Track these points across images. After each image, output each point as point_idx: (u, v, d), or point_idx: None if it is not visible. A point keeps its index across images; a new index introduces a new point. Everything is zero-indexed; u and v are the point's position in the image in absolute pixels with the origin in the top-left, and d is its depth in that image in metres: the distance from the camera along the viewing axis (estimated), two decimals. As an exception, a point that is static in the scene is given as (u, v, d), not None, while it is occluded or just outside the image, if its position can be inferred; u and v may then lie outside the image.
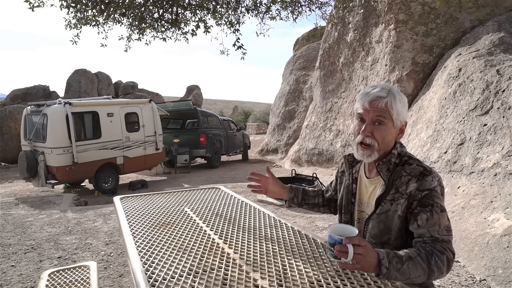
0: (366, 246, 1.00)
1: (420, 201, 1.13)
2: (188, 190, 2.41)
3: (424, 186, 1.13)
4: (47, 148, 7.12)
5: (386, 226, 1.19)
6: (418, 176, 1.15)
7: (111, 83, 21.70)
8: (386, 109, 1.18)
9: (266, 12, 5.68)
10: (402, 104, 1.20)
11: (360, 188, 1.35)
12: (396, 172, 1.20)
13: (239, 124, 15.66)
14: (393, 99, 1.18)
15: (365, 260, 0.98)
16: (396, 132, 1.23)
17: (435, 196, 1.12)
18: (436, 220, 1.10)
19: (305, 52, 14.23)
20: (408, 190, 1.15)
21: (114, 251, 3.79)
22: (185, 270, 1.19)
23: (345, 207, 1.39)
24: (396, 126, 1.21)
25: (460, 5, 6.71)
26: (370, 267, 1.01)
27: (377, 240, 1.21)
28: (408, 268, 1.02)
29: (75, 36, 5.37)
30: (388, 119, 1.19)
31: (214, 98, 58.69)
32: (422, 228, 1.11)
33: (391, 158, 1.23)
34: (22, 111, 8.53)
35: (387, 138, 1.21)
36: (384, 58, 7.49)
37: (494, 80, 4.51)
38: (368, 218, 1.25)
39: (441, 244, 1.08)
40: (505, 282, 2.59)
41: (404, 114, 1.21)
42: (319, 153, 9.90)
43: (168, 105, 11.88)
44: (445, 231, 1.10)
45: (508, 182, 3.44)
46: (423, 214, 1.11)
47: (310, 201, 1.61)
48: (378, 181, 1.26)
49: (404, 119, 1.22)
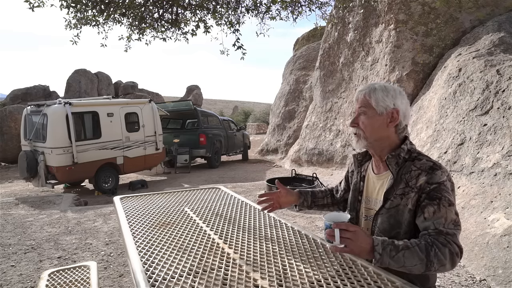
0: (356, 231, 1.07)
1: (428, 194, 1.14)
2: (188, 190, 2.41)
3: (433, 180, 1.14)
4: (47, 148, 7.12)
5: (396, 221, 1.20)
6: (428, 170, 1.16)
7: (111, 83, 21.70)
8: (365, 99, 1.27)
9: (266, 12, 5.68)
10: (384, 93, 1.25)
11: (367, 186, 1.37)
12: (405, 167, 1.22)
13: (239, 124, 15.66)
14: (373, 90, 1.27)
15: (354, 244, 1.06)
16: (384, 119, 1.25)
17: (443, 190, 1.13)
18: (443, 213, 1.11)
19: (305, 52, 14.23)
20: (418, 184, 1.16)
21: (114, 251, 3.79)
22: (185, 270, 1.19)
23: (351, 205, 1.42)
24: (381, 113, 1.25)
25: (460, 5, 6.71)
26: (361, 252, 1.08)
27: (386, 234, 1.21)
28: (403, 256, 1.05)
29: (75, 36, 5.36)
30: (368, 107, 1.27)
31: (214, 98, 58.71)
32: (428, 221, 1.12)
33: (401, 153, 1.24)
34: (22, 111, 8.53)
35: (372, 125, 1.26)
36: (384, 58, 7.49)
37: (494, 80, 4.51)
38: (376, 213, 1.26)
39: (445, 237, 1.08)
40: (505, 282, 2.59)
41: (389, 101, 1.25)
42: (319, 153, 9.90)
43: (168, 105, 11.88)
44: (452, 224, 1.11)
45: (508, 182, 3.44)
46: (430, 207, 1.12)
47: (319, 202, 1.65)
48: (386, 176, 1.28)
49: (390, 106, 1.25)
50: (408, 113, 1.29)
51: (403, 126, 1.28)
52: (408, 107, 1.29)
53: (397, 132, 1.28)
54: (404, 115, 1.27)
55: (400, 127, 1.27)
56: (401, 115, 1.26)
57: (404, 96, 1.29)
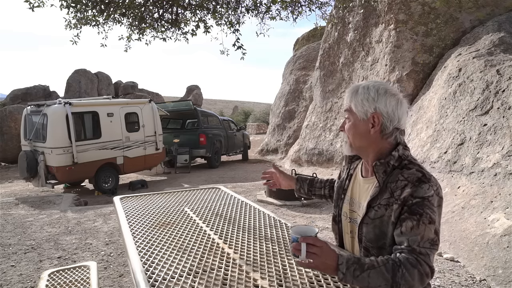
0: (322, 247, 1.02)
1: (410, 207, 1.07)
2: (188, 190, 2.41)
3: (418, 194, 1.07)
4: (47, 148, 7.12)
5: (381, 232, 1.16)
6: (415, 182, 1.09)
7: (111, 83, 21.71)
8: (348, 105, 1.23)
9: (266, 12, 5.68)
10: (366, 96, 1.17)
11: (353, 186, 1.33)
12: (393, 175, 1.15)
13: (239, 124, 15.66)
14: (354, 93, 1.21)
15: (319, 260, 1.01)
16: (367, 125, 1.18)
17: (426, 206, 1.06)
18: (421, 231, 1.05)
19: (305, 52, 14.23)
20: (402, 196, 1.09)
21: (114, 251, 3.79)
22: (185, 270, 1.19)
23: (335, 201, 1.39)
24: (363, 119, 1.18)
25: (460, 5, 6.71)
26: (326, 268, 1.03)
27: (374, 244, 1.18)
28: (368, 277, 1.01)
29: (75, 36, 5.36)
30: (350, 112, 1.22)
31: (214, 98, 58.71)
32: (404, 236, 1.07)
33: (390, 160, 1.16)
34: (22, 111, 8.53)
35: (355, 130, 1.21)
36: (384, 58, 7.49)
37: (494, 80, 4.51)
38: (361, 222, 1.21)
39: (417, 256, 1.03)
40: (505, 282, 2.59)
41: (368, 105, 1.16)
42: (319, 153, 9.90)
43: (168, 105, 11.88)
44: (428, 243, 1.05)
45: (508, 182, 3.44)
46: (409, 221, 1.06)
47: (316, 192, 1.64)
48: (372, 181, 1.22)
49: (369, 111, 1.16)
50: (397, 115, 1.16)
51: (390, 130, 1.17)
52: (397, 108, 1.16)
53: (384, 138, 1.17)
54: (390, 118, 1.16)
55: (386, 132, 1.17)
56: (386, 119, 1.16)
57: (390, 96, 1.16)
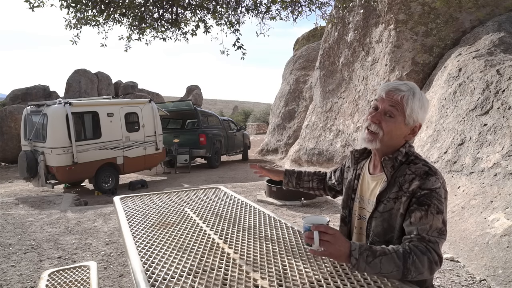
0: (335, 234, 1.05)
1: (418, 199, 1.12)
2: (188, 190, 2.41)
3: (426, 185, 1.12)
4: (47, 148, 7.12)
5: (389, 225, 1.19)
6: (422, 175, 1.14)
7: (111, 83, 21.70)
8: (401, 103, 1.17)
9: (266, 12, 5.68)
10: (420, 105, 1.18)
11: (362, 185, 1.35)
12: (400, 170, 1.20)
13: (239, 124, 15.66)
14: (412, 95, 1.17)
15: (333, 247, 1.04)
16: (406, 131, 1.22)
17: (434, 197, 1.11)
18: (430, 220, 1.09)
19: (305, 52, 14.23)
20: (410, 188, 1.14)
21: (114, 251, 3.79)
22: (185, 270, 1.19)
23: (344, 202, 1.40)
24: (408, 124, 1.20)
25: (460, 5, 6.71)
26: (339, 256, 1.05)
27: (381, 238, 1.20)
28: (380, 263, 1.03)
29: (75, 36, 5.36)
30: (399, 113, 1.18)
31: (214, 98, 58.68)
32: (413, 226, 1.11)
33: (398, 156, 1.21)
34: (22, 111, 8.53)
35: (394, 132, 1.20)
36: (384, 58, 7.49)
37: (494, 80, 4.51)
38: (370, 217, 1.24)
39: (427, 244, 1.07)
40: (505, 282, 2.59)
41: (421, 115, 1.19)
42: (319, 153, 9.90)
43: (168, 105, 11.88)
44: (436, 232, 1.09)
45: (508, 182, 3.44)
46: (418, 212, 1.10)
47: (304, 185, 1.74)
48: (381, 178, 1.26)
49: (418, 120, 1.20)
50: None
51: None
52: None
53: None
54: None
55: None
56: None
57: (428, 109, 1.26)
